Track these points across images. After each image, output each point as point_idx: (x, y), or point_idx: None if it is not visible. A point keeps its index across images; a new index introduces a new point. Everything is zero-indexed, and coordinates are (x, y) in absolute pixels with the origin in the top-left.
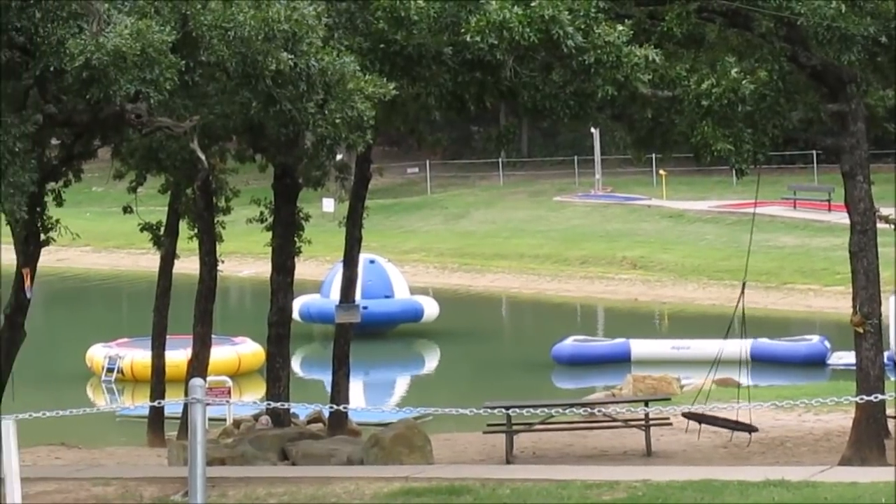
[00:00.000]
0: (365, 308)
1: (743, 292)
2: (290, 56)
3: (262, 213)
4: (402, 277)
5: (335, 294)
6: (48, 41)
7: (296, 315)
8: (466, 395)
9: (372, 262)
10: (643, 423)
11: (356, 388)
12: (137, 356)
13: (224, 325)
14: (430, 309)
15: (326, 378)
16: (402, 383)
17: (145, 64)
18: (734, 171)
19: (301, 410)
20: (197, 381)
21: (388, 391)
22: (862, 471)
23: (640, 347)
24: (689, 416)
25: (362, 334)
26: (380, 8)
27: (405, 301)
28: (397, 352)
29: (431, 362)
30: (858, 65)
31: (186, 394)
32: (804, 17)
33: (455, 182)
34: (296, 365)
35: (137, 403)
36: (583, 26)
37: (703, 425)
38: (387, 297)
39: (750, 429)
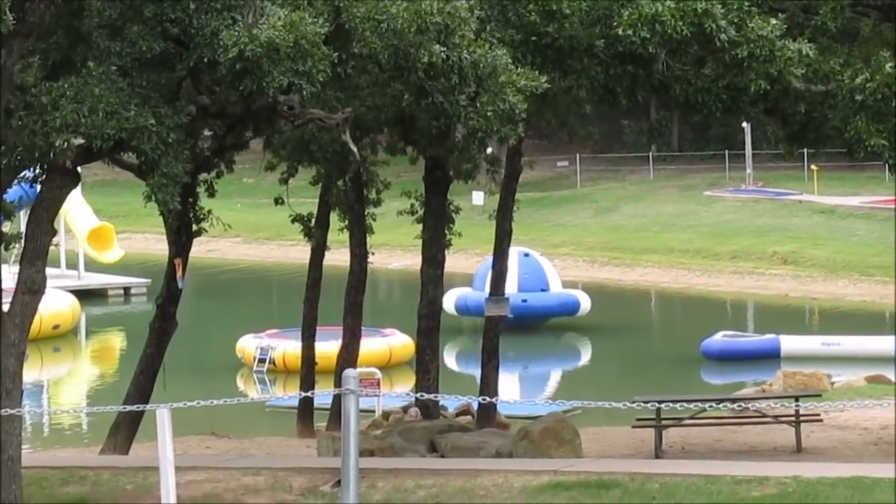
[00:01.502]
0: (524, 301)
1: None
2: (442, 48)
3: (412, 205)
4: (555, 271)
5: (490, 287)
6: (202, 33)
7: (451, 308)
8: (615, 389)
9: (526, 255)
10: (793, 419)
11: (505, 380)
12: (289, 347)
13: (373, 316)
14: (585, 303)
15: (476, 371)
16: (551, 376)
17: (298, 56)
18: (887, 167)
19: (450, 403)
20: (350, 372)
21: (537, 384)
22: None
23: (790, 343)
24: None
25: (513, 328)
26: (532, 1)
27: (563, 294)
28: (546, 345)
29: (580, 356)
30: None
31: (336, 385)
32: None
33: (605, 176)
34: (445, 357)
35: (290, 394)
36: (736, 20)
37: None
38: (542, 290)
39: None
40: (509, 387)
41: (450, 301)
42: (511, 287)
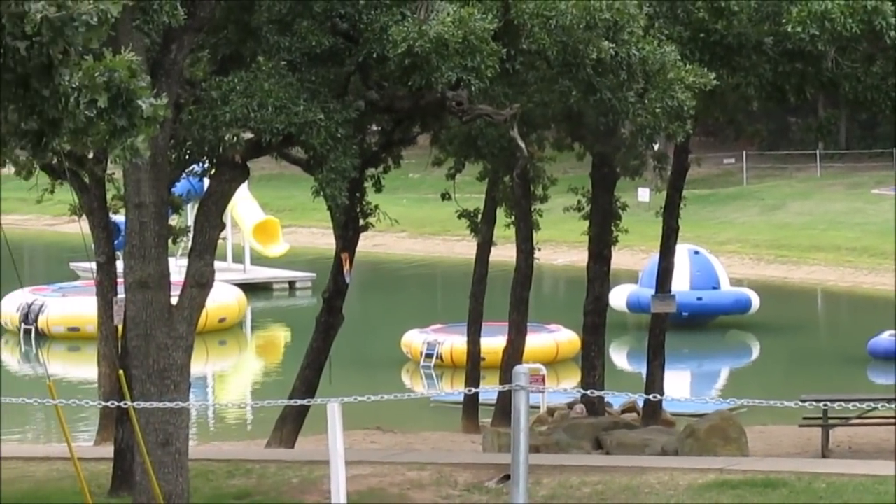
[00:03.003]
0: (699, 299)
1: None
2: (611, 45)
3: (579, 201)
4: (723, 268)
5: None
6: (371, 28)
7: (621, 304)
8: (781, 388)
9: (696, 252)
10: None
11: (671, 378)
12: (457, 342)
13: (538, 312)
14: (756, 301)
15: (641, 368)
16: (716, 374)
17: (467, 51)
18: None
19: (615, 399)
20: (521, 368)
21: (703, 382)
22: None
23: None
24: None
25: (682, 325)
26: None
27: (736, 292)
28: (711, 343)
29: (746, 354)
30: None
31: (502, 381)
32: None
33: (772, 173)
34: (611, 354)
35: (456, 389)
36: None
37: None
38: (714, 288)
39: None
40: (675, 384)
41: (620, 298)
42: (683, 285)
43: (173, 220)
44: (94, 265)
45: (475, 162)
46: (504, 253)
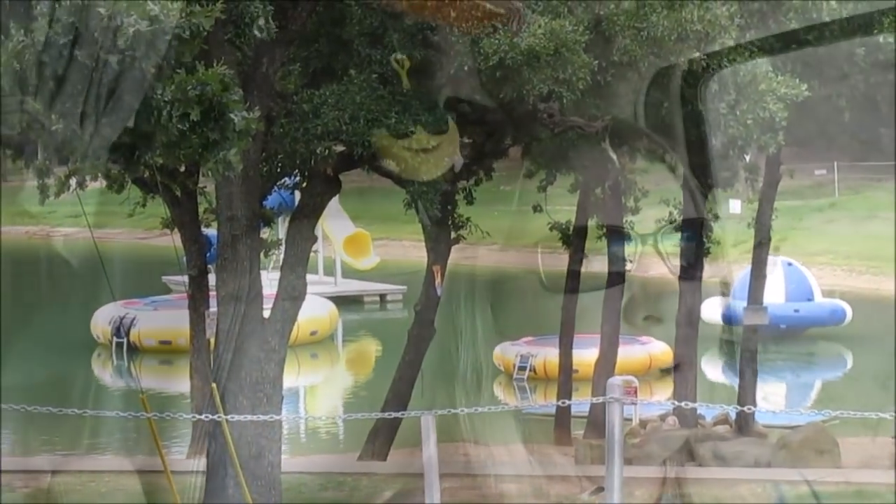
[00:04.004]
0: (796, 311)
1: None
2: (702, 56)
3: (670, 213)
4: (815, 280)
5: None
6: (462, 40)
7: (714, 316)
8: (875, 399)
9: (789, 264)
10: None
11: (763, 389)
12: (550, 354)
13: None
14: (849, 312)
15: (734, 380)
16: (808, 386)
17: (558, 63)
18: None
19: (708, 411)
20: (615, 380)
21: (796, 393)
22: None
23: None
24: None
25: (777, 337)
26: (792, 9)
27: (832, 304)
28: (803, 354)
29: (839, 365)
30: None
31: (594, 393)
32: None
33: (863, 184)
34: (703, 366)
35: (548, 401)
36: None
37: None
38: (808, 300)
39: None
40: (767, 396)
41: (716, 310)
42: (778, 297)
43: (265, 233)
44: (185, 278)
45: (566, 174)
46: (596, 265)
